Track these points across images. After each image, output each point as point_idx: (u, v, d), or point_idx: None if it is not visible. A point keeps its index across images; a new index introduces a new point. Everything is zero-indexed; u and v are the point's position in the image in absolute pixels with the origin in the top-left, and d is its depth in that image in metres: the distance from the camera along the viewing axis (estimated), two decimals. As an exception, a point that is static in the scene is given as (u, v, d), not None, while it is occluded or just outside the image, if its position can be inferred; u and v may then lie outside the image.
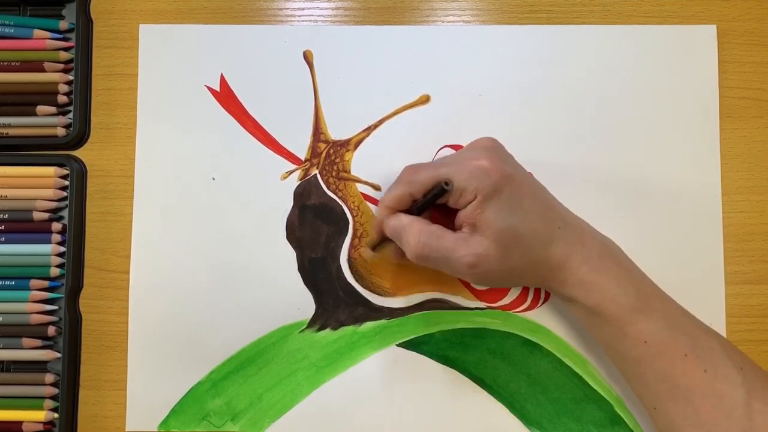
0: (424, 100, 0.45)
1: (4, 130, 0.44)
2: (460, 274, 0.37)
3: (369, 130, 0.45)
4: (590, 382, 0.43)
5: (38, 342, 0.43)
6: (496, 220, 0.35)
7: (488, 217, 0.35)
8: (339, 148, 0.44)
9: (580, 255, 0.36)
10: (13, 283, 0.43)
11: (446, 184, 0.35)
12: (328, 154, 0.44)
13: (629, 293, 0.36)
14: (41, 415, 0.42)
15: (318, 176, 0.44)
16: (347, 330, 0.44)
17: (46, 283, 0.43)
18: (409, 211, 0.38)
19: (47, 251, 0.43)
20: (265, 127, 0.45)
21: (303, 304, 0.44)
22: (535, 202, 0.37)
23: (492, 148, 0.37)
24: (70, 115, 0.45)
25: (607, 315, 0.36)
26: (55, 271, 0.43)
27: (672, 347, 0.35)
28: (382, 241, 0.41)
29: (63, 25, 0.45)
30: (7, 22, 0.45)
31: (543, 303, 0.43)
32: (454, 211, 0.37)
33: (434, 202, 0.37)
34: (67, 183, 0.44)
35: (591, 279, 0.36)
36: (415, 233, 0.36)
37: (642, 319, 0.35)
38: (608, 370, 0.43)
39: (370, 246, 0.43)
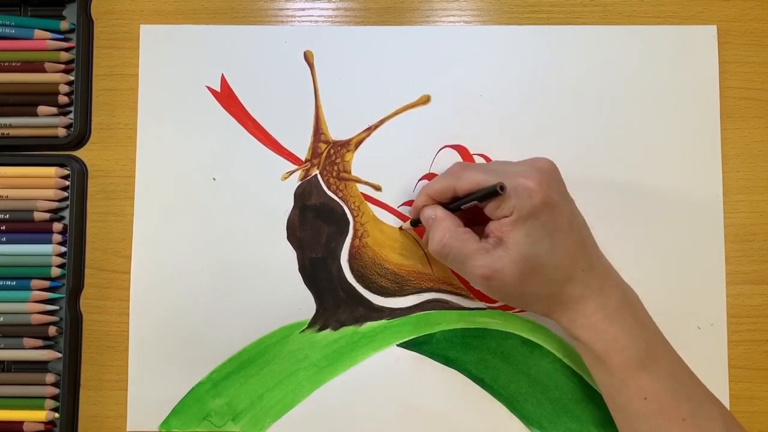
0: (424, 100, 0.45)
1: (5, 131, 0.44)
2: (473, 282, 0.37)
3: (369, 130, 0.45)
4: (590, 382, 0.43)
5: (39, 342, 0.43)
6: (523, 243, 0.34)
7: (516, 238, 0.35)
8: (339, 148, 0.45)
9: (596, 301, 0.36)
10: (14, 283, 0.43)
11: (501, 188, 0.34)
12: (329, 155, 0.45)
13: (639, 347, 0.35)
14: (42, 415, 0.42)
15: (318, 176, 0.44)
16: (348, 330, 0.44)
17: (47, 283, 0.44)
18: (446, 205, 0.38)
19: (48, 251, 0.43)
20: (265, 128, 0.45)
21: (304, 304, 0.44)
22: (567, 237, 0.36)
23: (546, 170, 0.36)
24: (71, 115, 0.45)
25: (612, 364, 0.35)
26: (56, 271, 0.44)
27: (672, 409, 0.34)
28: (417, 220, 0.41)
29: (64, 25, 0.45)
30: (7, 23, 0.45)
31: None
32: (487, 219, 0.37)
33: (478, 202, 0.36)
34: (67, 183, 0.44)
35: (603, 327, 0.35)
36: (442, 230, 0.37)
37: (646, 375, 0.35)
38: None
39: (411, 224, 0.42)
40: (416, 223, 0.41)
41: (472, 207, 0.37)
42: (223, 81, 0.45)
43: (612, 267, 0.38)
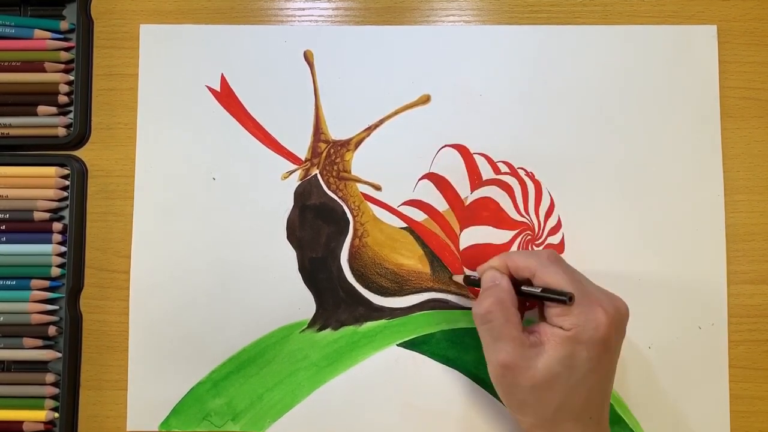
0: (424, 100, 0.45)
1: (5, 130, 0.44)
2: (489, 361, 0.36)
3: (369, 130, 0.45)
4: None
5: (39, 342, 0.43)
6: (560, 360, 0.34)
7: (558, 352, 0.34)
8: (339, 148, 0.44)
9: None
10: (14, 282, 0.43)
11: (570, 299, 0.34)
12: (329, 154, 0.44)
13: None
14: (42, 415, 0.42)
15: (318, 176, 0.44)
16: (348, 330, 0.44)
17: (46, 283, 0.44)
18: (514, 281, 0.38)
19: (48, 251, 0.43)
20: (265, 127, 0.45)
21: (303, 304, 0.44)
22: (597, 383, 0.35)
23: (622, 314, 0.36)
24: (71, 115, 0.45)
25: None
26: (55, 271, 0.44)
27: None
28: (475, 280, 0.41)
29: (64, 25, 0.45)
30: (7, 23, 0.45)
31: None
32: (540, 308, 0.37)
33: (542, 300, 0.36)
34: (67, 183, 0.44)
35: None
36: (496, 299, 0.36)
37: None
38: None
39: (465, 280, 0.42)
40: (472, 282, 0.41)
41: (534, 301, 0.37)
42: (223, 81, 0.45)
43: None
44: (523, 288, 0.37)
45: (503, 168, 0.44)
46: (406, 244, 0.44)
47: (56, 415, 0.43)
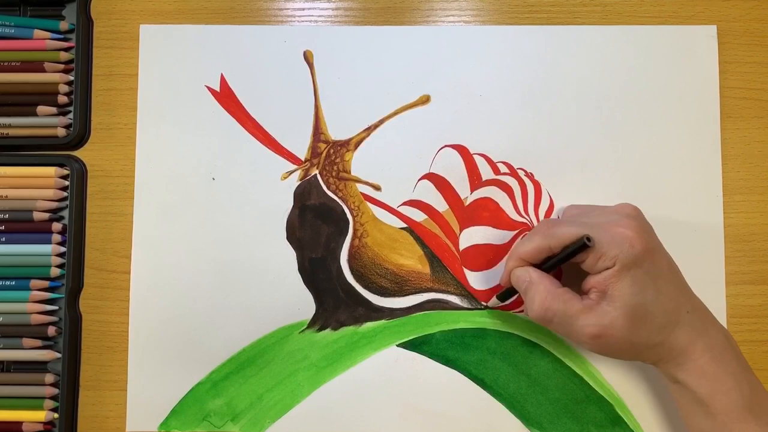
0: (424, 100, 0.45)
1: (5, 131, 0.44)
2: (580, 343, 0.36)
3: (369, 130, 0.45)
4: (590, 382, 0.43)
5: (38, 342, 0.43)
6: (629, 293, 0.34)
7: (622, 289, 0.34)
8: (339, 148, 0.44)
9: (704, 343, 0.35)
10: (14, 283, 0.43)
11: (588, 239, 0.34)
12: (329, 154, 0.44)
13: (744, 391, 0.34)
14: (41, 416, 0.42)
15: (318, 176, 0.44)
16: (347, 330, 0.44)
17: (46, 284, 0.43)
18: (539, 265, 0.38)
19: (47, 251, 0.43)
20: (265, 127, 0.45)
21: (303, 304, 0.44)
22: (669, 283, 0.36)
23: (636, 217, 0.36)
24: (71, 115, 0.45)
25: (717, 407, 0.34)
26: (55, 271, 0.43)
27: None
28: (509, 291, 0.40)
29: (63, 25, 0.45)
30: (7, 23, 0.45)
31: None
32: (583, 273, 0.36)
33: (569, 259, 0.36)
34: (67, 183, 0.44)
35: (710, 369, 0.35)
36: (542, 293, 0.36)
37: (752, 419, 0.34)
38: (608, 371, 0.43)
39: (499, 298, 0.42)
40: (505, 296, 0.41)
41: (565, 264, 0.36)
42: (223, 81, 0.45)
43: (709, 310, 0.38)
44: (549, 264, 0.37)
45: (503, 168, 0.44)
46: (406, 245, 0.44)
47: (56, 415, 0.43)
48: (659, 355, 0.36)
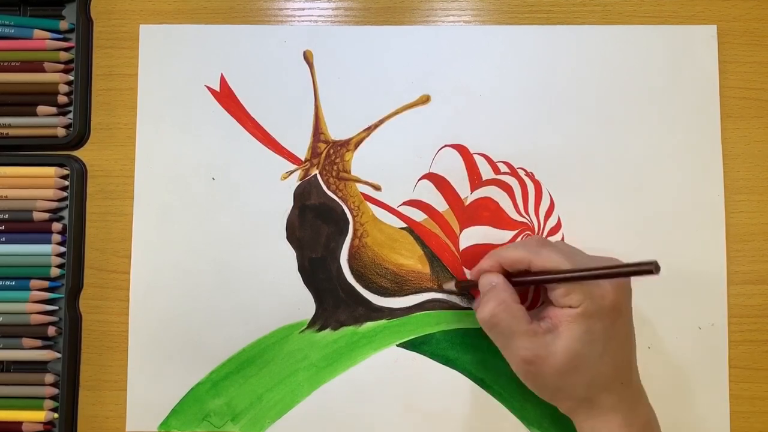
0: (424, 100, 0.45)
1: (5, 130, 0.44)
2: (512, 363, 0.36)
3: (369, 130, 0.45)
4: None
5: (38, 342, 0.43)
6: (577, 339, 0.34)
7: (573, 332, 0.34)
8: (339, 148, 0.44)
9: (624, 417, 0.35)
10: (14, 283, 0.43)
11: (656, 268, 0.30)
12: (328, 154, 0.44)
13: None
14: (41, 416, 0.42)
15: (318, 176, 0.44)
16: (347, 330, 0.43)
17: (46, 284, 0.43)
18: (510, 275, 0.38)
19: (47, 251, 0.43)
20: (265, 127, 0.45)
21: (303, 304, 0.44)
22: (620, 349, 0.35)
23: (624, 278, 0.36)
24: (71, 115, 0.45)
25: None
26: (55, 272, 0.43)
27: None
28: (470, 285, 0.41)
29: (63, 25, 0.45)
30: (7, 23, 0.45)
31: (543, 303, 0.43)
32: (543, 295, 0.37)
33: (544, 284, 0.36)
34: (67, 183, 0.44)
35: None
36: (497, 300, 0.36)
37: None
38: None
39: (457, 287, 0.42)
40: (465, 288, 0.41)
41: (526, 288, 0.36)
42: (223, 81, 0.45)
43: (643, 388, 0.37)
44: (519, 279, 0.37)
45: (503, 168, 0.44)
46: (406, 245, 0.44)
47: (55, 415, 0.43)
48: (577, 409, 0.36)
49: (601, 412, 0.35)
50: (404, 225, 0.44)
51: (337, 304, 0.44)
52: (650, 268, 0.30)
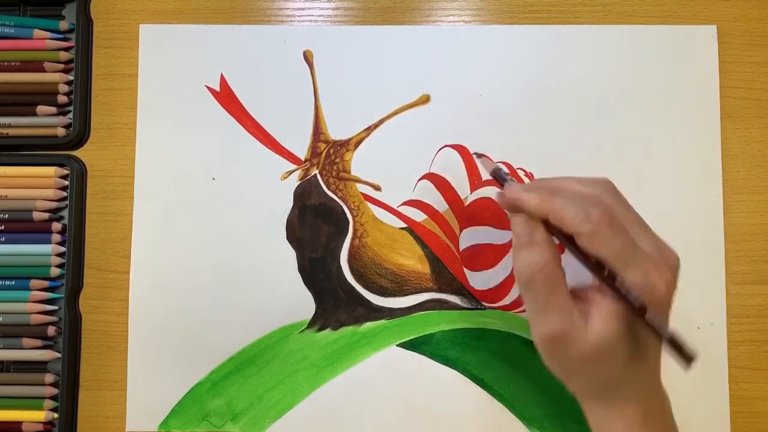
0: (424, 100, 0.45)
1: (5, 130, 0.44)
2: (533, 328, 0.33)
3: (369, 130, 0.45)
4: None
5: (38, 342, 0.43)
6: (614, 338, 0.31)
7: (610, 327, 0.31)
8: (339, 148, 0.44)
9: (639, 404, 0.33)
10: (14, 283, 0.43)
11: (690, 359, 0.29)
12: (328, 154, 0.44)
13: None
14: (41, 415, 0.42)
15: (318, 176, 0.44)
16: (347, 330, 0.44)
17: (46, 283, 0.43)
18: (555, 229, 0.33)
19: (47, 251, 0.43)
20: (265, 127, 0.45)
21: (303, 304, 0.44)
22: (650, 351, 0.33)
23: (675, 269, 0.33)
24: (70, 115, 0.45)
25: None
26: (55, 271, 0.43)
27: None
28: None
29: (63, 25, 0.45)
30: (7, 23, 0.45)
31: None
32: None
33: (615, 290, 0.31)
34: (67, 183, 0.44)
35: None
36: (542, 259, 0.31)
37: None
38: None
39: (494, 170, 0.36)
40: (500, 177, 0.35)
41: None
42: (223, 81, 0.45)
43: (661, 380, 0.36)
44: (579, 251, 0.31)
45: (503, 168, 0.44)
46: (406, 245, 0.44)
47: (55, 415, 0.43)
48: (591, 396, 0.34)
49: (618, 401, 0.33)
50: (404, 225, 0.44)
51: (337, 304, 0.44)
52: (689, 361, 0.30)
